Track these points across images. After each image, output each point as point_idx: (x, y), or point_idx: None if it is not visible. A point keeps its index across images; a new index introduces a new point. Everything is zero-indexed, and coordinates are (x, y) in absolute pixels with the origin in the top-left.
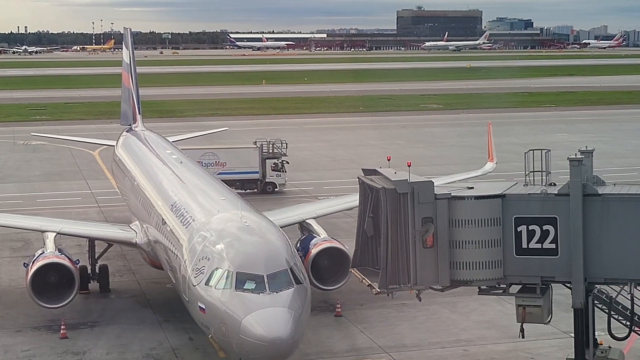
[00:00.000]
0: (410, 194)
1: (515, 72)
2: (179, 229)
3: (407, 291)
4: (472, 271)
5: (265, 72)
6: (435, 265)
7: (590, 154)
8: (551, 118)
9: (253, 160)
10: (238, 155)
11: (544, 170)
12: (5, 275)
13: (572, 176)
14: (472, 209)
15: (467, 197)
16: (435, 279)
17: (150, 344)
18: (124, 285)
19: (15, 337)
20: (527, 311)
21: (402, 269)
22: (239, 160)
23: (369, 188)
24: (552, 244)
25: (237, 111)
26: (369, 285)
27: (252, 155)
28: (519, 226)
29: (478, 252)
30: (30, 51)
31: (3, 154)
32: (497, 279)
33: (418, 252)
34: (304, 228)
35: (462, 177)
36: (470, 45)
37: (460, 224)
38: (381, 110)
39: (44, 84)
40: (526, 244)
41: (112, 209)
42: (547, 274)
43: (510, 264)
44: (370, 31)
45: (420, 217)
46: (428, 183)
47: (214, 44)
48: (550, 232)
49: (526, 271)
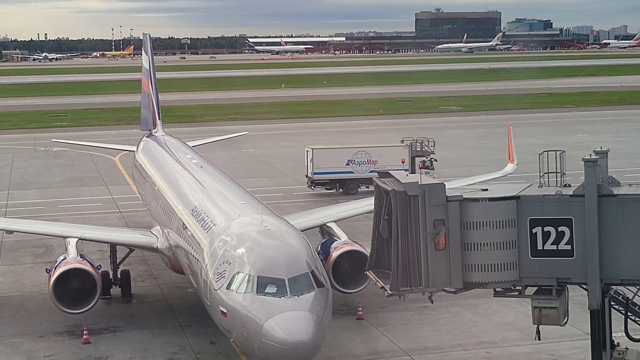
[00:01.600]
0: (421, 196)
1: (535, 73)
2: (199, 233)
3: (419, 293)
4: (487, 273)
5: (284, 76)
6: (448, 267)
7: (605, 154)
8: (572, 119)
9: (403, 158)
10: (389, 154)
11: (559, 172)
12: (27, 281)
13: (587, 177)
14: (487, 211)
15: (482, 199)
16: (447, 282)
17: (172, 348)
18: (146, 290)
19: (38, 343)
20: (543, 313)
21: (413, 271)
22: (390, 158)
23: (383, 191)
24: (568, 245)
25: (256, 115)
26: (382, 288)
27: (402, 154)
28: (534, 228)
29: (493, 254)
30: (51, 58)
31: (25, 160)
32: (512, 281)
33: (430, 254)
34: (325, 231)
35: (483, 179)
36: (484, 46)
37: (474, 226)
38: (400, 113)
39: (64, 91)
40: (541, 245)
41: (133, 214)
42: (563, 275)
43: (525, 266)
44: (388, 34)
45: (432, 220)
46: (439, 185)
47: (233, 48)
48: (566, 233)
49: (542, 273)
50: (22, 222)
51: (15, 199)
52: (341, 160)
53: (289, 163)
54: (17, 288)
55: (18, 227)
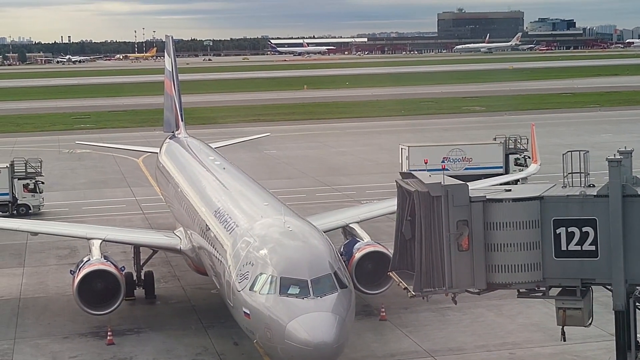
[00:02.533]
0: (444, 196)
1: (559, 73)
2: (222, 234)
3: (442, 294)
4: (511, 274)
5: (307, 78)
6: (471, 268)
7: (629, 154)
8: (595, 118)
9: (497, 155)
10: (484, 151)
11: (583, 172)
12: (52, 282)
13: (611, 177)
14: (510, 212)
15: (505, 199)
16: (470, 282)
17: (195, 349)
18: (169, 291)
19: (62, 344)
20: (568, 314)
21: (437, 272)
22: (485, 155)
23: (406, 191)
24: (592, 245)
25: (278, 117)
26: (405, 289)
27: (496, 151)
28: (558, 228)
29: (516, 254)
30: (74, 60)
31: (49, 162)
32: (536, 281)
33: (453, 255)
34: (347, 232)
35: (506, 179)
36: (503, 46)
37: (497, 227)
38: (423, 114)
39: (87, 93)
40: (565, 246)
41: (156, 216)
42: (587, 276)
43: (549, 267)
44: (411, 34)
45: (455, 220)
46: (462, 186)
47: (255, 49)
48: (590, 233)
49: (566, 273)
50: (47, 224)
51: None
52: (437, 157)
53: (312, 164)
54: (42, 289)
55: (42, 229)
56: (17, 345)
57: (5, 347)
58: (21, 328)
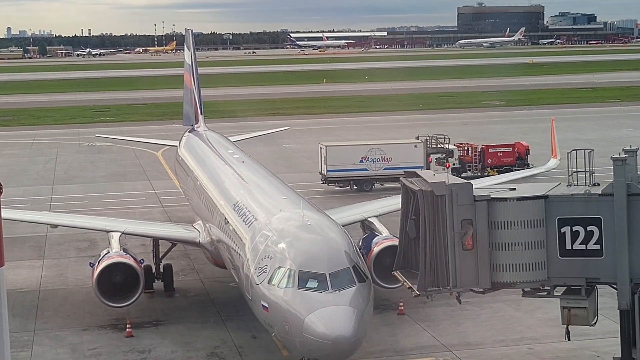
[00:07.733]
0: (449, 195)
1: (579, 67)
2: (241, 228)
3: (447, 293)
4: (515, 273)
5: (326, 71)
6: (475, 267)
7: (634, 153)
8: (616, 113)
9: (417, 155)
10: (403, 150)
11: (587, 170)
12: (71, 274)
13: (615, 176)
14: (515, 211)
15: (509, 198)
16: (475, 282)
17: (214, 342)
18: (188, 284)
19: (81, 336)
20: (573, 313)
21: (441, 271)
22: (405, 154)
23: (410, 190)
24: (597, 244)
25: (298, 110)
26: (409, 288)
27: (416, 150)
28: (563, 227)
29: (521, 253)
30: (94, 54)
31: (69, 155)
32: (540, 280)
33: (457, 254)
34: (366, 226)
35: (525, 174)
36: (505, 41)
37: (501, 226)
38: (442, 108)
39: (107, 86)
40: (570, 245)
41: (175, 209)
42: (592, 275)
43: (554, 266)
44: (430, 28)
45: (459, 219)
46: (466, 185)
47: (275, 43)
48: (595, 232)
49: (570, 272)
50: (66, 217)
51: (59, 193)
52: (355, 157)
53: None
54: (61, 282)
55: (62, 222)
56: (37, 336)
57: (25, 339)
58: (41, 320)
